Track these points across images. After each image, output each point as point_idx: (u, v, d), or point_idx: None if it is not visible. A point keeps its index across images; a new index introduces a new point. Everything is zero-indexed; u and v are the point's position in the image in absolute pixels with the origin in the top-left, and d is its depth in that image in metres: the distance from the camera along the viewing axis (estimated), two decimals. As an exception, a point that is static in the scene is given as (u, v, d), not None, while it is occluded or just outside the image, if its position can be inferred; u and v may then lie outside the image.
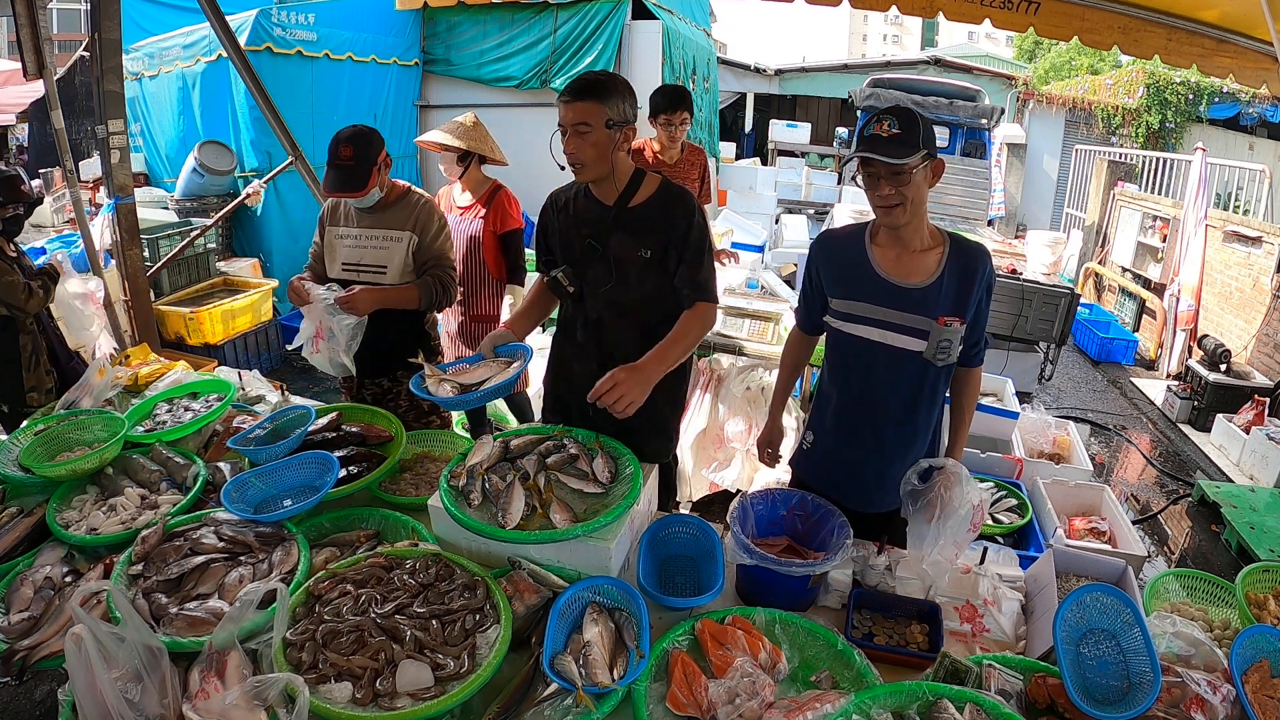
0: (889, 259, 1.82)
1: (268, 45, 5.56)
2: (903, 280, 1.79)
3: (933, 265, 1.79)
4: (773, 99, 14.99)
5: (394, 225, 2.57)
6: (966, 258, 1.79)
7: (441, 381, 1.96)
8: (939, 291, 1.77)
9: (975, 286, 1.77)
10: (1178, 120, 11.70)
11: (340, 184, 2.41)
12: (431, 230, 2.60)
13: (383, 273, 2.57)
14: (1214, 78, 3.31)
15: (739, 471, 3.44)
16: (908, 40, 44.99)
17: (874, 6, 3.42)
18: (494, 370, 2.00)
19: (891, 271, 1.81)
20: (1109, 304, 8.22)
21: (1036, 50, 26.62)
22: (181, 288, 5.19)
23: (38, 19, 3.35)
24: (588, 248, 2.04)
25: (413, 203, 2.61)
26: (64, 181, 3.91)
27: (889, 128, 1.68)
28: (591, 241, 2.03)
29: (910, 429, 1.89)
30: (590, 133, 1.89)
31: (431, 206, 2.64)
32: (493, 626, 1.49)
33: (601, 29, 6.69)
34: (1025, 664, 1.45)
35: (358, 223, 2.59)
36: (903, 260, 1.81)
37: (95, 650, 1.26)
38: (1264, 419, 4.73)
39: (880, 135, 1.68)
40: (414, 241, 2.57)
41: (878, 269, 1.82)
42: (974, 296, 1.78)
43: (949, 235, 1.83)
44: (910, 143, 1.66)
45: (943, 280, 1.77)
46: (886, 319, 1.80)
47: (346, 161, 2.41)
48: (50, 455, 2.10)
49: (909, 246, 1.81)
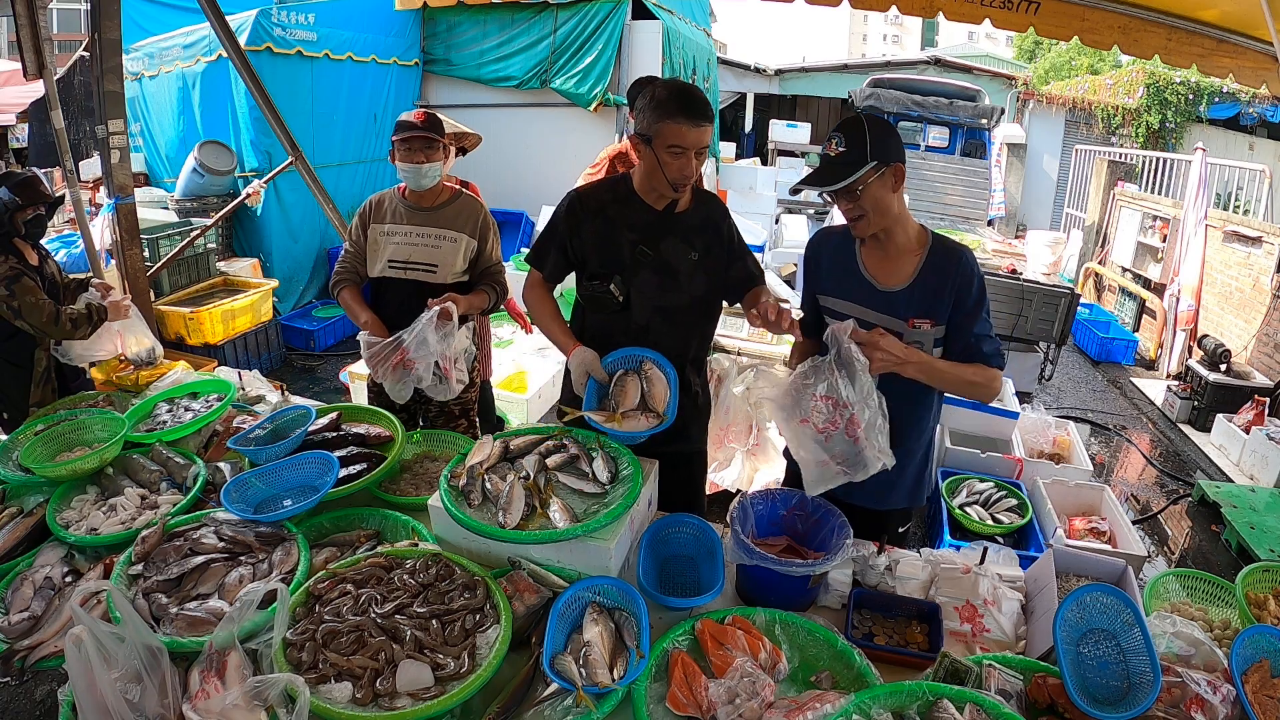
0: (874, 260, 1.86)
1: (268, 45, 5.56)
2: (883, 282, 1.84)
3: (911, 268, 1.82)
4: (773, 99, 15.01)
5: (448, 225, 2.55)
6: (943, 258, 1.80)
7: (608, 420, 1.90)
8: (911, 294, 1.80)
9: (946, 287, 1.78)
10: (1178, 120, 11.71)
11: (420, 133, 2.41)
12: (490, 238, 2.60)
13: (433, 271, 2.54)
14: (1214, 78, 3.31)
15: (739, 471, 3.45)
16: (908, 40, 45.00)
17: (874, 6, 3.42)
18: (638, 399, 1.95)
19: (875, 272, 1.85)
20: (1109, 304, 8.22)
21: (1036, 50, 26.64)
22: (181, 288, 5.19)
23: (38, 19, 3.35)
24: (639, 254, 2.00)
25: (469, 205, 2.60)
26: (64, 181, 3.90)
27: (836, 146, 1.72)
28: (643, 248, 2.00)
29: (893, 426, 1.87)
30: (707, 150, 1.90)
31: (487, 212, 2.64)
32: (493, 626, 1.49)
33: (601, 29, 6.69)
34: (1025, 664, 1.45)
35: (408, 219, 2.55)
36: (887, 262, 1.84)
37: (95, 650, 1.26)
38: (1264, 419, 4.73)
39: (829, 155, 1.73)
40: (471, 247, 2.56)
41: (863, 269, 1.87)
42: (946, 297, 1.78)
43: (933, 237, 1.84)
44: (855, 160, 1.69)
45: (917, 283, 1.80)
46: (864, 319, 1.82)
47: (422, 122, 2.43)
48: (50, 455, 2.10)
49: (892, 249, 1.84)
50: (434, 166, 2.48)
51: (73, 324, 2.67)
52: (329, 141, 6.27)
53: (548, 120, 7.12)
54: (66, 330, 2.67)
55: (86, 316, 2.71)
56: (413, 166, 2.45)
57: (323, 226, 6.14)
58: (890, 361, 1.68)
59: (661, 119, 1.84)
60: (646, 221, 2.01)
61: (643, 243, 2.00)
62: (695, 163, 1.88)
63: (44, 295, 2.68)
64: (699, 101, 1.86)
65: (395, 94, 6.95)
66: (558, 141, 7.09)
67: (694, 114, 1.83)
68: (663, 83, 1.92)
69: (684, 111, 1.83)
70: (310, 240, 6.31)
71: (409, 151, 2.44)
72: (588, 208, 2.05)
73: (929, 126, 8.64)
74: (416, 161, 2.44)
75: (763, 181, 9.24)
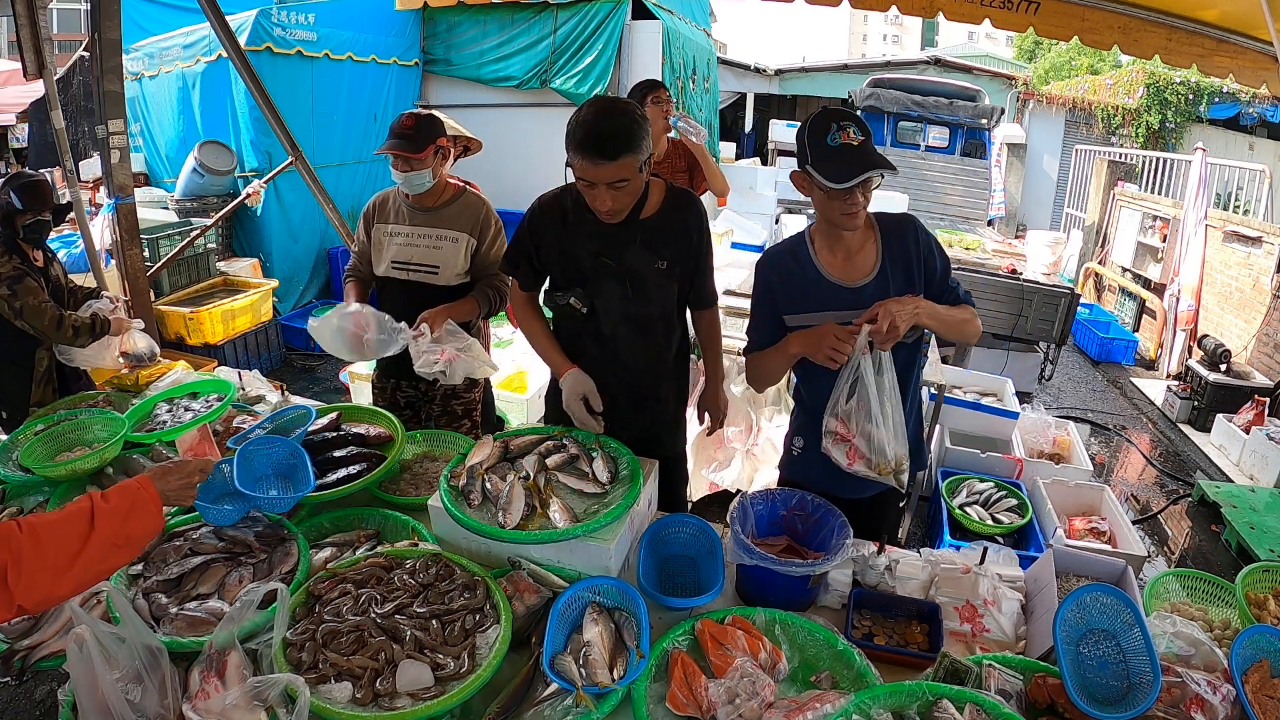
0: (835, 262, 1.82)
1: (268, 45, 5.56)
2: (849, 281, 1.81)
3: (872, 257, 1.80)
4: (773, 99, 15.01)
5: (449, 225, 2.51)
6: (895, 235, 1.80)
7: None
8: (880, 282, 1.79)
9: (912, 259, 1.78)
10: (1178, 120, 11.71)
11: (397, 146, 2.35)
12: (490, 235, 2.54)
13: (435, 272, 2.51)
14: (1214, 78, 3.32)
15: (739, 471, 3.45)
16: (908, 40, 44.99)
17: (874, 6, 3.43)
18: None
19: (838, 273, 1.82)
20: (1109, 304, 8.22)
21: (1036, 50, 26.63)
22: (181, 288, 5.19)
23: (38, 19, 3.35)
24: (599, 265, 1.91)
25: (470, 203, 2.55)
26: (64, 181, 3.90)
27: (854, 134, 1.63)
28: (604, 259, 1.91)
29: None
30: (628, 184, 1.76)
31: (490, 209, 2.59)
32: (493, 626, 1.49)
33: (601, 29, 6.69)
34: (1025, 664, 1.45)
35: (410, 220, 2.52)
36: (848, 260, 1.82)
37: (96, 651, 1.26)
38: (1264, 419, 4.73)
39: (852, 145, 1.62)
40: (472, 245, 2.52)
41: (826, 274, 1.82)
42: (916, 268, 1.78)
43: (874, 218, 1.83)
44: (873, 146, 1.64)
45: (883, 269, 1.79)
46: (843, 322, 1.77)
47: (407, 129, 2.37)
48: (50, 455, 2.10)
49: (852, 243, 1.80)
50: (420, 174, 2.41)
51: (75, 331, 2.68)
52: (329, 141, 6.26)
53: (548, 120, 7.11)
54: (68, 337, 2.68)
55: (90, 326, 2.71)
56: (399, 174, 2.42)
57: (323, 226, 6.14)
58: (911, 316, 1.64)
59: (569, 149, 1.71)
60: (608, 230, 1.89)
61: (604, 253, 1.90)
62: (608, 195, 1.74)
63: (47, 297, 2.68)
64: (603, 136, 1.67)
65: (395, 94, 6.95)
66: (558, 141, 6.96)
67: (591, 151, 1.67)
68: (588, 103, 1.75)
69: (581, 146, 1.68)
70: (310, 240, 6.31)
71: (394, 160, 2.40)
72: (549, 215, 1.95)
73: (929, 126, 8.64)
74: (401, 170, 2.40)
75: (763, 181, 9.23)
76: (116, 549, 1.24)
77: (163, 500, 1.37)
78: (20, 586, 1.10)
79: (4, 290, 2.59)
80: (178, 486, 1.46)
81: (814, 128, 1.66)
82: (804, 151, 1.69)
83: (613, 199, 1.75)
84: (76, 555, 1.18)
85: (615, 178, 1.71)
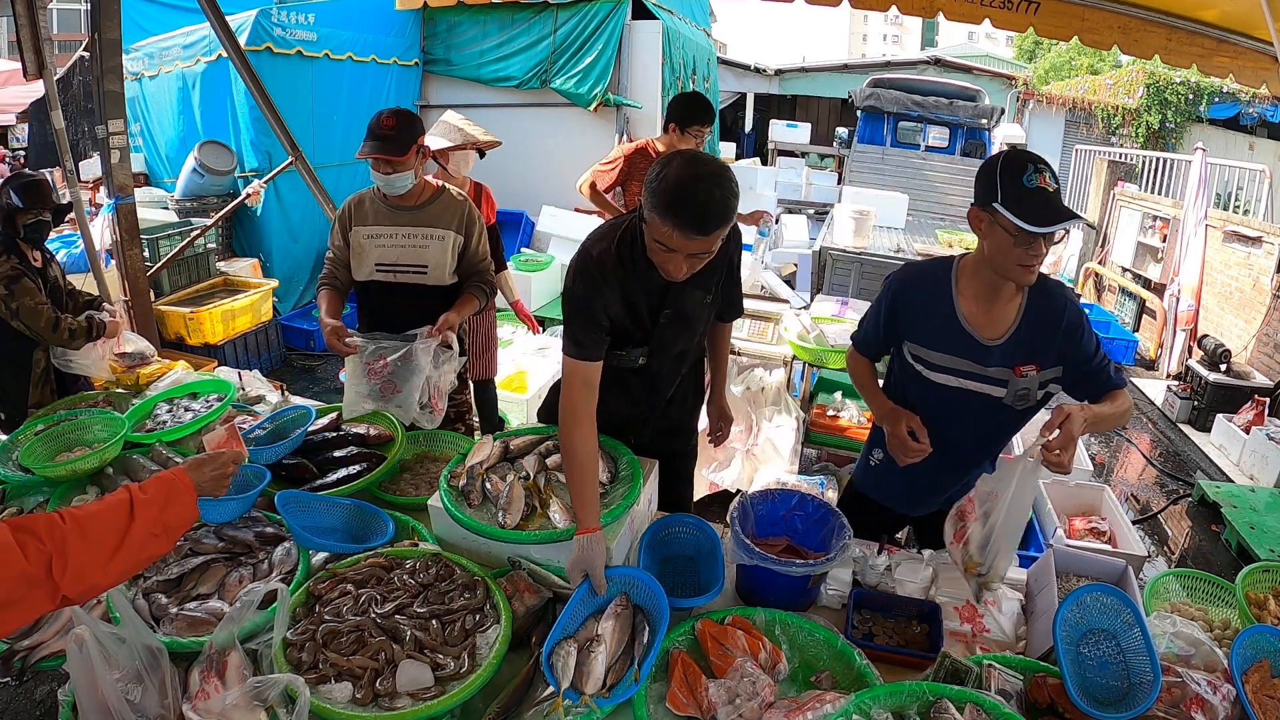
0: (975, 312, 1.72)
1: (268, 45, 5.56)
2: (984, 334, 1.72)
3: (1012, 315, 1.71)
4: (773, 99, 15.01)
5: (433, 223, 2.47)
6: (1041, 300, 1.71)
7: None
8: (1015, 344, 1.71)
9: (1056, 332, 1.69)
10: (1178, 120, 11.72)
11: (379, 149, 2.29)
12: (475, 232, 2.52)
13: (423, 272, 2.48)
14: (1214, 78, 3.31)
15: (739, 471, 3.45)
16: (908, 40, 44.99)
17: (874, 6, 3.42)
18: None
19: (977, 325, 1.72)
20: (1109, 304, 8.21)
21: (1036, 50, 26.63)
22: (181, 288, 5.19)
23: (38, 19, 3.35)
24: (666, 319, 1.81)
25: (452, 200, 2.52)
26: (64, 181, 3.90)
27: (1050, 179, 1.51)
28: (669, 311, 1.80)
29: (984, 457, 1.93)
30: (710, 255, 1.61)
31: (472, 206, 2.56)
32: (493, 626, 1.49)
33: (601, 29, 6.69)
34: (1025, 664, 1.45)
35: (391, 221, 2.47)
36: (990, 313, 1.71)
37: (97, 651, 1.26)
38: (1264, 419, 4.73)
39: (1048, 190, 1.50)
40: (459, 243, 2.49)
41: (964, 322, 1.73)
42: (1055, 343, 1.70)
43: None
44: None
45: (1019, 331, 1.71)
46: (969, 370, 1.74)
47: (388, 130, 2.30)
48: (50, 455, 2.09)
49: (1003, 295, 1.69)
50: (404, 176, 2.37)
51: (70, 334, 2.68)
52: (329, 141, 6.26)
53: (548, 120, 7.12)
54: (63, 339, 2.68)
55: (86, 330, 2.71)
56: (379, 176, 2.37)
57: (323, 226, 6.13)
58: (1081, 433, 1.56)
59: (653, 209, 1.52)
60: (663, 284, 1.75)
61: (664, 305, 1.79)
62: (685, 264, 1.58)
63: (44, 299, 2.68)
64: (705, 209, 1.49)
65: (395, 94, 6.94)
66: (557, 142, 7.08)
67: (689, 225, 1.49)
68: (682, 162, 1.53)
69: (677, 216, 1.49)
70: (310, 240, 6.31)
71: (375, 162, 2.35)
72: (605, 276, 1.73)
73: (929, 126, 8.65)
74: (383, 173, 2.35)
75: (762, 181, 9.25)
76: (155, 538, 1.26)
77: (197, 491, 1.39)
78: (66, 577, 1.11)
79: (1, 290, 2.59)
80: (211, 478, 1.48)
81: (1007, 166, 1.54)
82: (993, 189, 1.55)
83: (689, 266, 1.60)
84: (119, 545, 1.20)
85: (702, 250, 1.57)
